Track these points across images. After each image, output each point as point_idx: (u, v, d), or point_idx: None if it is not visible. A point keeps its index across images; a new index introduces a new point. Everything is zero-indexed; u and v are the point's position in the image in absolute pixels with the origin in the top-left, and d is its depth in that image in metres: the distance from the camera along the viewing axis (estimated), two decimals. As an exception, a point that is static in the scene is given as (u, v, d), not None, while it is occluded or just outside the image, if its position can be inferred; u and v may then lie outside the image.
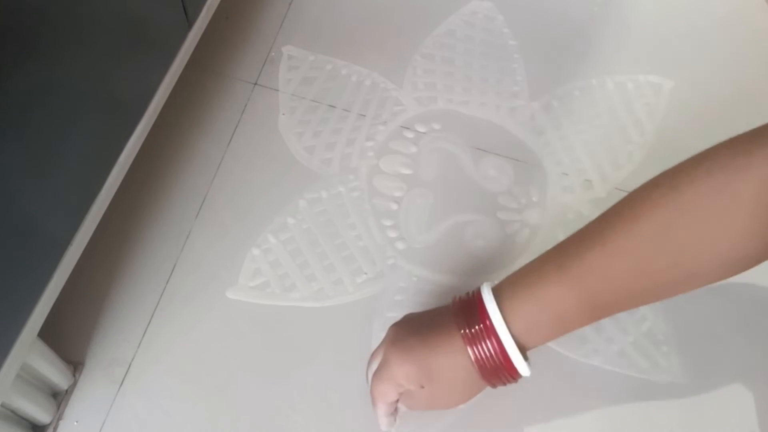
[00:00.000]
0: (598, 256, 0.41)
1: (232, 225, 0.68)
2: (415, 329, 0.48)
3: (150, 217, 0.68)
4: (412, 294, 0.65)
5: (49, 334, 0.53)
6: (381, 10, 0.85)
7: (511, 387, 0.61)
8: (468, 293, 0.47)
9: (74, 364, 0.60)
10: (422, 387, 0.47)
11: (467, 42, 0.84)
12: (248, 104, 0.76)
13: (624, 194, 0.72)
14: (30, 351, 0.50)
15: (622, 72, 0.82)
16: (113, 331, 0.62)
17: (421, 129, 0.76)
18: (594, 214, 0.70)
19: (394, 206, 0.70)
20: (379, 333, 0.63)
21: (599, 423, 0.60)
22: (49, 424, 0.57)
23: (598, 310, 0.42)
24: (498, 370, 0.45)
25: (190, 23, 0.63)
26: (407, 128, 0.76)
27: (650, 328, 0.65)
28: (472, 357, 0.44)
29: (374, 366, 0.51)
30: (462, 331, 0.45)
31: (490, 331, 0.44)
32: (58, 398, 0.58)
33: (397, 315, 0.64)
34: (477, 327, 0.44)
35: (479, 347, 0.44)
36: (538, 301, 0.43)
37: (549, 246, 0.68)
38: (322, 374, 0.61)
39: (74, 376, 0.59)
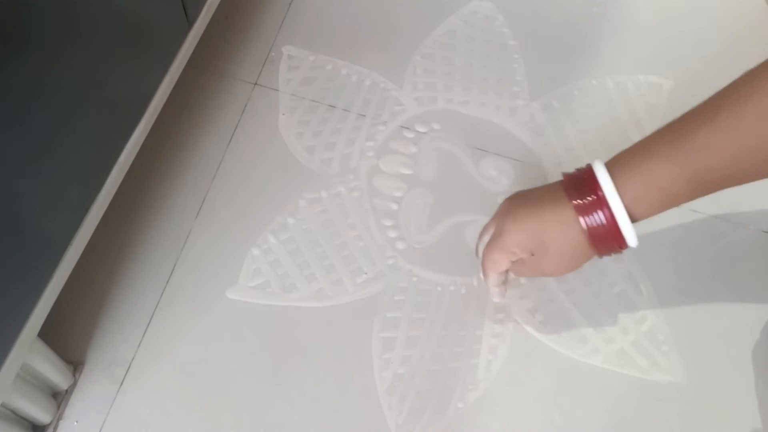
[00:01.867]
0: (708, 133, 0.43)
1: (232, 225, 0.68)
2: (527, 201, 0.52)
3: (150, 217, 0.68)
4: (412, 294, 0.65)
5: (49, 334, 0.53)
6: (381, 10, 0.85)
7: (509, 386, 0.61)
8: (578, 169, 0.50)
9: (74, 364, 0.60)
10: (533, 255, 0.50)
11: (467, 42, 0.84)
12: (248, 104, 0.76)
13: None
14: (30, 351, 0.50)
15: (622, 72, 0.82)
16: (113, 331, 0.62)
17: (421, 129, 0.76)
18: (594, 214, 0.71)
19: (394, 206, 0.70)
20: (379, 333, 0.63)
21: (599, 423, 0.60)
22: (49, 424, 0.57)
23: (704, 185, 0.45)
24: (607, 239, 0.47)
25: (190, 23, 0.63)
26: (407, 128, 0.76)
27: (650, 328, 0.65)
28: (584, 226, 0.47)
29: (486, 238, 0.54)
30: (574, 202, 0.48)
31: (603, 202, 0.46)
32: (58, 398, 0.58)
33: (397, 315, 0.64)
34: (589, 198, 0.47)
35: (590, 217, 0.47)
36: (648, 174, 0.45)
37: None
38: (322, 374, 0.61)
39: (74, 376, 0.59)
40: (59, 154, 0.47)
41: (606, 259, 0.56)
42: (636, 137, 0.76)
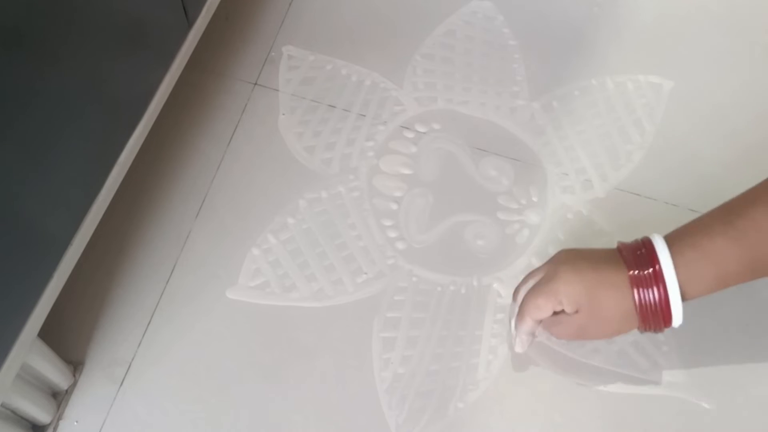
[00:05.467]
0: (763, 212, 0.44)
1: (232, 225, 0.68)
2: (586, 256, 0.51)
3: (150, 217, 0.68)
4: (412, 294, 0.65)
5: (49, 334, 0.53)
6: (381, 10, 0.85)
7: (509, 386, 0.61)
8: (636, 240, 0.50)
9: (74, 364, 0.60)
10: (576, 312, 0.50)
11: (467, 42, 0.84)
12: (248, 104, 0.76)
13: (624, 194, 0.72)
14: (30, 351, 0.50)
15: (622, 72, 0.82)
16: (113, 331, 0.62)
17: (421, 129, 0.76)
18: (594, 214, 0.71)
19: (394, 206, 0.70)
20: (380, 333, 0.63)
21: (599, 423, 0.60)
22: (49, 424, 0.57)
23: (759, 265, 0.45)
24: (655, 315, 0.48)
25: (190, 23, 0.63)
26: (407, 128, 0.76)
27: (650, 328, 0.65)
28: (636, 298, 0.47)
29: (531, 283, 0.54)
30: (630, 272, 0.47)
31: (659, 277, 0.46)
32: (58, 398, 0.58)
33: (397, 315, 0.64)
34: (647, 271, 0.47)
35: (644, 291, 0.47)
36: (702, 252, 0.46)
37: (549, 246, 0.69)
38: (322, 374, 0.61)
39: (74, 376, 0.59)
40: (59, 154, 0.47)
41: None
42: (636, 137, 0.77)
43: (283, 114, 0.76)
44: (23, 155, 0.43)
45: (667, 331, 0.64)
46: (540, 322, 0.53)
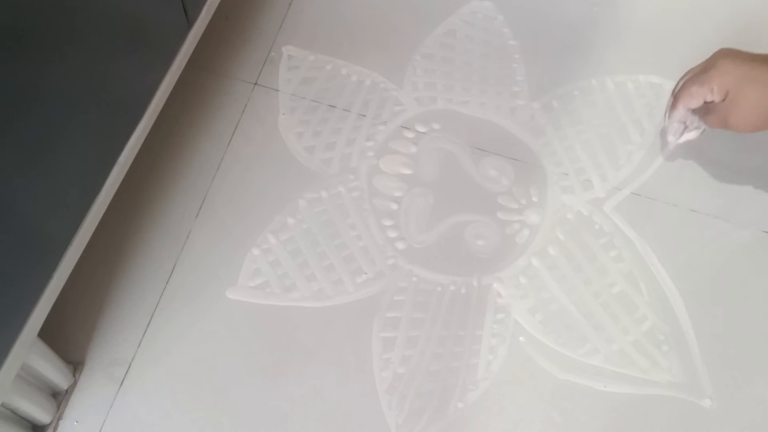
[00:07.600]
0: None
1: (232, 225, 0.68)
2: (743, 54, 0.56)
3: (150, 217, 0.68)
4: (412, 294, 0.65)
5: (49, 334, 0.53)
6: (381, 10, 0.85)
7: (509, 386, 0.62)
8: None
9: (74, 364, 0.60)
10: (724, 101, 0.54)
11: (467, 42, 0.84)
12: (248, 104, 0.76)
13: (624, 194, 0.72)
14: (30, 351, 0.50)
15: (622, 72, 0.82)
16: (113, 331, 0.62)
17: (421, 129, 0.76)
18: (594, 214, 0.71)
19: (394, 206, 0.70)
20: (380, 333, 0.63)
21: (599, 423, 0.60)
22: (49, 424, 0.57)
23: None
24: None
25: (190, 23, 0.63)
26: (407, 128, 0.76)
27: (650, 327, 0.65)
28: None
29: (688, 75, 0.59)
30: None
31: None
32: (58, 398, 0.58)
33: (397, 315, 0.64)
34: None
35: None
36: None
37: (549, 246, 0.69)
38: (322, 374, 0.61)
39: (74, 376, 0.59)
40: (59, 154, 0.47)
41: (606, 257, 0.56)
42: (636, 137, 0.77)
43: (283, 114, 0.76)
44: (23, 155, 0.43)
45: (667, 331, 0.65)
46: (692, 109, 0.57)
